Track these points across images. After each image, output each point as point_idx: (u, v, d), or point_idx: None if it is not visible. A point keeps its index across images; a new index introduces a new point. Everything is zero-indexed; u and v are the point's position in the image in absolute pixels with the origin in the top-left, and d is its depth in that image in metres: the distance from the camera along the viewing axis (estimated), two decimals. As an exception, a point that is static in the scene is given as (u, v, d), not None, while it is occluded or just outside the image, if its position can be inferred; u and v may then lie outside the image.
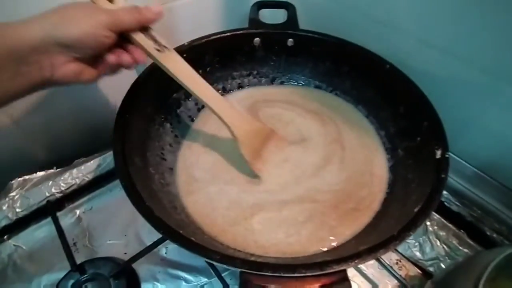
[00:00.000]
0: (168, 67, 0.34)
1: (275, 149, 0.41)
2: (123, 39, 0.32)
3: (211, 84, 0.50)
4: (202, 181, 0.41)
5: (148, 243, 0.42)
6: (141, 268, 0.41)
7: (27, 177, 0.47)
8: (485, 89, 0.42)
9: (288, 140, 0.44)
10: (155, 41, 0.33)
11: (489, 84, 0.41)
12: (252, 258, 0.28)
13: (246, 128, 0.39)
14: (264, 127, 0.42)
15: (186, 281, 0.40)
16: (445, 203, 0.46)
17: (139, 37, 0.32)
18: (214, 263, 0.25)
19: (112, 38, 0.30)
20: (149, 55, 0.34)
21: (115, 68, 0.34)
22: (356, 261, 0.25)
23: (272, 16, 0.54)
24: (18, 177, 0.46)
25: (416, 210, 0.29)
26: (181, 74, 0.35)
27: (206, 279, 0.40)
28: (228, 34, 0.49)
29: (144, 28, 0.33)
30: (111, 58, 0.32)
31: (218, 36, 0.48)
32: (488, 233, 0.44)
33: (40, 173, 0.48)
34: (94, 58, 0.31)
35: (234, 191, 0.40)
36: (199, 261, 0.42)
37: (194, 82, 0.36)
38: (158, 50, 0.33)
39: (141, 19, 0.31)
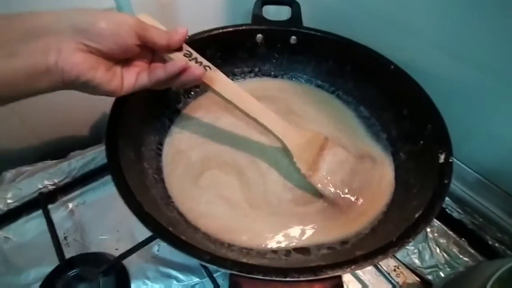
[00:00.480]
0: (213, 87, 0.34)
1: (328, 157, 0.39)
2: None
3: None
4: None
5: (140, 239, 0.41)
6: (132, 265, 0.40)
7: (20, 168, 0.46)
8: (491, 94, 0.41)
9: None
10: (197, 62, 0.33)
11: (495, 89, 0.40)
12: (244, 260, 0.27)
13: (299, 141, 0.38)
14: (317, 136, 0.40)
15: (177, 280, 0.39)
16: (447, 210, 0.45)
17: (182, 59, 0.32)
18: (204, 263, 0.24)
19: (134, 40, 0.27)
20: None
21: (163, 81, 0.30)
22: (352, 267, 0.24)
23: (276, 12, 0.53)
24: (12, 168, 0.46)
25: (416, 216, 0.28)
26: (226, 92, 0.34)
27: (197, 279, 0.40)
28: (230, 29, 0.48)
29: (187, 52, 0.32)
30: (175, 65, 0.29)
31: (221, 31, 0.47)
32: (489, 242, 0.43)
33: (34, 165, 0.47)
34: (115, 60, 0.28)
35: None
36: (191, 260, 0.40)
37: (241, 99, 0.35)
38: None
39: (168, 38, 0.30)
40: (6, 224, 0.43)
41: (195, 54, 0.33)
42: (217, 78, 0.34)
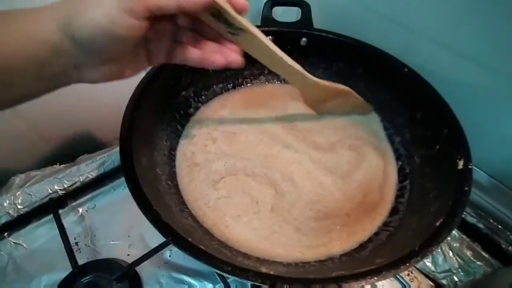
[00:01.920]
0: (249, 51, 0.31)
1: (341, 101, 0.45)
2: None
3: (222, 82, 0.50)
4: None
5: (152, 245, 0.41)
6: (144, 271, 0.40)
7: (29, 172, 0.46)
8: (504, 96, 0.40)
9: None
10: (228, 23, 0.26)
11: (508, 91, 0.39)
12: (263, 269, 0.26)
13: (316, 93, 0.42)
14: (339, 88, 0.43)
15: (190, 286, 0.39)
16: (460, 214, 0.45)
17: (207, 20, 0.26)
18: (226, 274, 0.24)
19: (142, 28, 0.22)
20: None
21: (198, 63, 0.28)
22: (375, 278, 0.24)
23: (286, 14, 0.52)
24: (20, 173, 0.45)
25: (438, 224, 0.28)
26: (260, 56, 0.33)
27: (211, 285, 0.39)
28: (240, 31, 0.47)
29: (215, 10, 0.26)
30: (217, 58, 0.27)
31: (230, 33, 0.46)
32: (503, 246, 0.42)
33: (43, 169, 0.47)
34: (137, 51, 0.26)
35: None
36: (204, 266, 0.40)
37: (274, 63, 0.35)
38: (232, 33, 0.27)
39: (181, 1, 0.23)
40: (16, 230, 0.42)
41: (224, 13, 0.26)
42: (251, 42, 0.30)
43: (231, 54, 0.29)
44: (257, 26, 0.48)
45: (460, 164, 0.32)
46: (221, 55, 0.28)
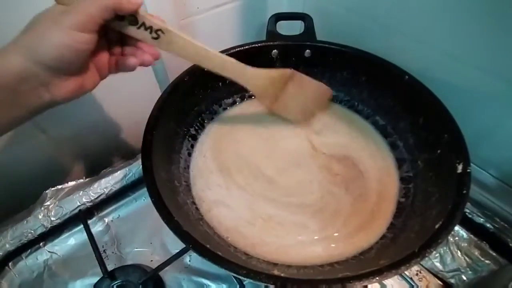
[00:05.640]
0: (172, 52, 0.33)
1: (291, 88, 0.46)
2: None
3: (231, 96, 0.53)
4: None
5: (173, 251, 0.44)
6: (167, 275, 0.43)
7: (59, 187, 0.50)
8: (506, 99, 0.41)
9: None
10: (147, 28, 0.30)
11: (510, 94, 0.40)
12: (275, 271, 0.29)
13: (263, 82, 0.43)
14: (283, 72, 0.44)
15: (209, 288, 0.42)
16: (467, 214, 0.46)
17: (130, 31, 0.29)
18: (241, 277, 0.26)
19: (92, 40, 0.27)
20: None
21: (129, 68, 0.32)
22: (377, 278, 0.26)
23: (290, 27, 0.55)
24: (52, 187, 0.49)
25: (437, 226, 0.30)
26: (187, 55, 0.34)
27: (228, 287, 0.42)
28: (247, 47, 0.50)
29: (132, 18, 0.29)
30: (132, 60, 0.31)
31: (237, 49, 0.49)
32: (511, 245, 0.43)
33: (71, 183, 0.51)
34: (89, 64, 0.29)
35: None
36: (221, 269, 0.43)
37: (201, 57, 0.35)
38: (155, 38, 0.30)
39: (115, 7, 0.27)
40: (51, 240, 0.47)
41: (143, 18, 0.29)
42: (171, 42, 0.32)
43: (143, 55, 0.32)
44: (263, 41, 0.51)
45: (459, 168, 0.34)
46: (136, 57, 0.32)
